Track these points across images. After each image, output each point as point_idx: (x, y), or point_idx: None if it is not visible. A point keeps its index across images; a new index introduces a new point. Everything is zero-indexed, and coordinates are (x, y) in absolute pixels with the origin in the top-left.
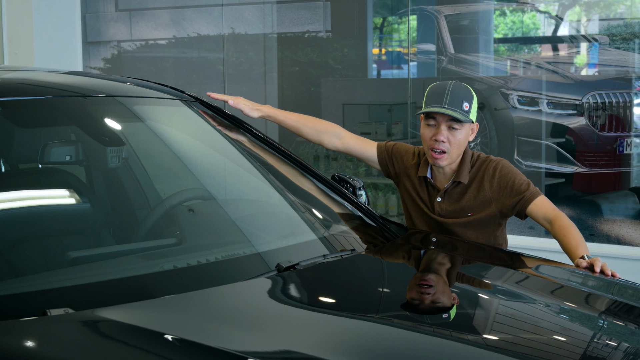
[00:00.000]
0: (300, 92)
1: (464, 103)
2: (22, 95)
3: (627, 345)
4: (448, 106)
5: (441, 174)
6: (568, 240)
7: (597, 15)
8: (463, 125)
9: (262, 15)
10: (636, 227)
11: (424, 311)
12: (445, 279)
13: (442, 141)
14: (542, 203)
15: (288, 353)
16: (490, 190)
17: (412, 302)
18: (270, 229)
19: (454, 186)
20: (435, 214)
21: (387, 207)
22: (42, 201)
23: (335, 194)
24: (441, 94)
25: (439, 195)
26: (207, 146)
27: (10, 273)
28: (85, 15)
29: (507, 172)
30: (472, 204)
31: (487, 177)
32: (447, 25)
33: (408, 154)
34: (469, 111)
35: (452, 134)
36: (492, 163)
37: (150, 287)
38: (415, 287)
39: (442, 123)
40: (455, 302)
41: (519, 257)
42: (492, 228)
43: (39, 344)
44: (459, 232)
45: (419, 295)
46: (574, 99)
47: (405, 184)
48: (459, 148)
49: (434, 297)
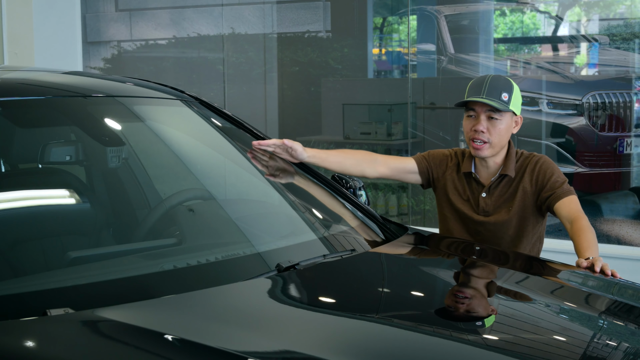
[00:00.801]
0: (300, 92)
1: (502, 93)
2: (22, 95)
3: (627, 345)
4: (486, 96)
5: (485, 168)
6: (581, 241)
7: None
8: (503, 115)
9: (262, 15)
10: (636, 227)
11: (424, 311)
12: (445, 279)
13: (482, 131)
14: (569, 203)
15: (288, 353)
16: (529, 183)
17: (412, 302)
18: (270, 229)
19: (500, 180)
20: (480, 212)
21: (387, 207)
22: (42, 201)
23: (335, 194)
24: (480, 85)
25: (484, 191)
26: (207, 146)
27: (10, 273)
28: (85, 15)
29: (547, 167)
30: (514, 198)
31: (529, 171)
32: (447, 25)
33: (445, 157)
34: (509, 101)
35: (492, 124)
36: (535, 158)
37: (150, 287)
38: (415, 287)
39: (482, 114)
40: (456, 302)
41: (519, 257)
42: (531, 225)
43: (39, 344)
44: (500, 232)
45: (419, 295)
46: (574, 99)
47: (446, 189)
48: (500, 139)
49: (434, 297)
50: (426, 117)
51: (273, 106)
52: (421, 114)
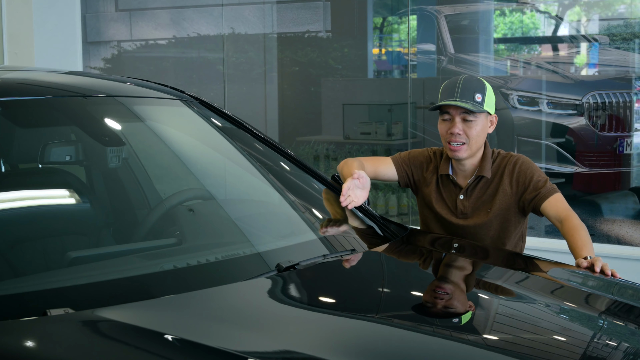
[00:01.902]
0: (300, 92)
1: (475, 94)
2: (22, 95)
3: (627, 345)
4: (459, 99)
5: (462, 170)
6: (575, 240)
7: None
8: (477, 117)
9: (262, 15)
10: (636, 227)
11: (424, 311)
12: (445, 279)
13: (458, 134)
14: (556, 201)
15: (288, 353)
16: (509, 185)
17: (412, 302)
18: (270, 229)
19: (477, 181)
20: (458, 214)
21: (387, 207)
22: (42, 201)
23: (335, 194)
24: (452, 87)
25: (461, 193)
26: (207, 146)
27: (10, 273)
28: (85, 15)
29: (527, 168)
30: (493, 200)
31: (507, 172)
32: (447, 25)
33: (425, 159)
34: (482, 102)
35: (468, 126)
36: (513, 159)
37: (150, 287)
38: (415, 287)
39: (456, 116)
40: (455, 302)
41: (519, 257)
42: (513, 226)
43: (39, 344)
44: (480, 234)
45: (418, 295)
46: (574, 99)
47: (424, 192)
48: (477, 140)
49: (434, 297)
50: (426, 117)
51: (273, 106)
52: (421, 114)
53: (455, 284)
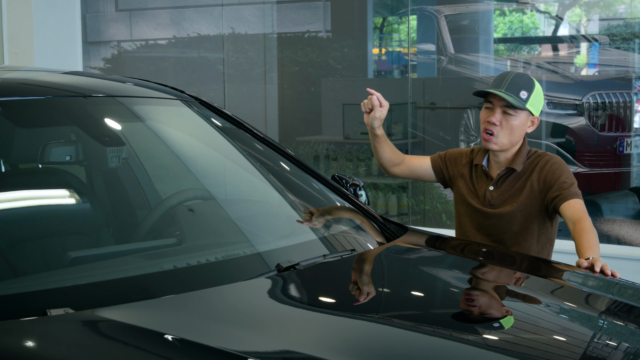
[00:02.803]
0: (300, 92)
1: (521, 91)
2: (22, 95)
3: (627, 345)
4: (505, 90)
5: (496, 162)
6: (582, 241)
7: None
8: (518, 113)
9: (262, 15)
10: (636, 227)
11: (424, 311)
12: (445, 279)
13: (494, 123)
14: (575, 204)
15: (288, 353)
16: (537, 181)
17: (412, 302)
18: (270, 229)
19: (507, 174)
20: (486, 204)
21: (387, 207)
22: (42, 201)
23: (335, 194)
24: (502, 79)
25: (491, 184)
26: (207, 146)
27: (10, 273)
28: (85, 15)
29: (557, 168)
30: (520, 193)
31: (538, 169)
32: (447, 25)
33: (461, 156)
34: (526, 100)
35: (506, 119)
36: (546, 157)
37: (150, 287)
38: (415, 287)
39: (498, 107)
40: (455, 302)
41: (519, 257)
42: (537, 225)
43: (39, 344)
44: (504, 226)
45: (418, 295)
46: (574, 99)
47: (459, 185)
48: (510, 134)
49: (434, 296)
50: (426, 117)
51: (273, 106)
52: (421, 114)
53: (455, 284)
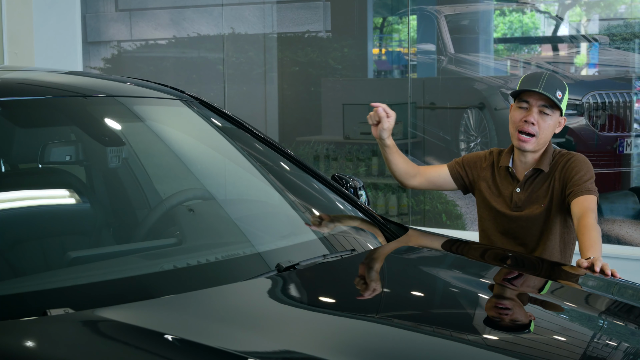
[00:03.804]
0: (300, 92)
1: (557, 91)
2: (22, 95)
3: (627, 345)
4: (543, 90)
5: (522, 162)
6: (584, 239)
7: (597, 15)
8: (553, 112)
9: (262, 15)
10: (636, 227)
11: (424, 311)
12: (445, 279)
13: (532, 123)
14: (583, 200)
15: (288, 353)
16: (559, 181)
17: (412, 303)
18: (270, 229)
19: (534, 175)
20: (513, 207)
21: (387, 207)
22: (42, 201)
23: (335, 194)
24: (537, 79)
25: (518, 186)
26: (207, 146)
27: (10, 273)
28: (85, 15)
29: (577, 165)
30: (546, 195)
31: (560, 168)
32: (447, 25)
33: (480, 159)
34: (561, 100)
35: (543, 119)
36: (569, 156)
37: (150, 287)
38: (415, 287)
39: (535, 106)
40: (455, 302)
41: (518, 257)
42: (559, 223)
43: (39, 344)
44: (531, 228)
45: (419, 295)
46: (574, 99)
47: (481, 189)
48: (546, 134)
49: (434, 297)
50: (426, 117)
51: (273, 106)
52: (421, 114)
53: (455, 284)
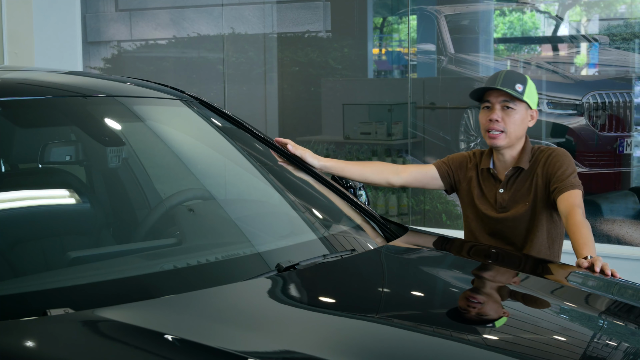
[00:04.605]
0: (300, 92)
1: (516, 84)
2: (22, 95)
3: (627, 345)
4: (500, 86)
5: (502, 162)
6: (576, 238)
7: (597, 15)
8: (517, 105)
9: (262, 15)
10: (636, 227)
11: (424, 311)
12: (445, 279)
13: (497, 120)
14: (569, 196)
15: (288, 353)
16: (541, 176)
17: (412, 302)
18: (270, 229)
19: (516, 174)
20: (498, 208)
21: (387, 207)
22: (42, 201)
23: (335, 194)
24: (495, 77)
25: (501, 187)
26: (207, 146)
27: (10, 273)
28: (85, 15)
29: (557, 160)
30: (529, 192)
31: (541, 164)
32: (447, 25)
33: (465, 159)
34: (522, 92)
35: (507, 114)
36: (549, 151)
37: (150, 287)
38: (415, 287)
39: (497, 103)
40: (455, 302)
41: (518, 257)
42: (545, 219)
43: (39, 344)
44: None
45: (418, 295)
46: (574, 99)
47: (466, 189)
48: (515, 129)
49: (434, 296)
50: (426, 117)
51: (273, 106)
52: (421, 114)
53: (455, 284)
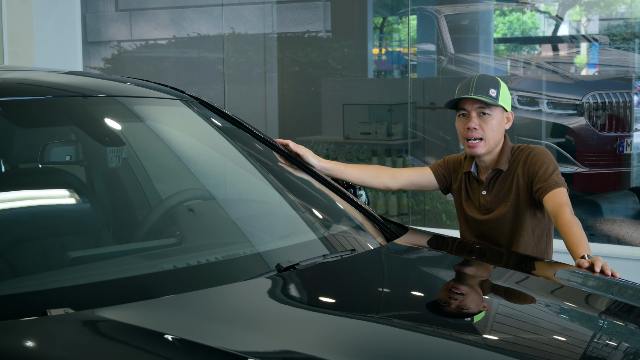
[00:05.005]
0: (300, 92)
1: (490, 90)
2: (22, 95)
3: (627, 345)
4: (474, 94)
5: (483, 166)
6: (569, 237)
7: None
8: (493, 111)
9: (262, 15)
10: (636, 227)
11: (424, 311)
12: (445, 279)
13: (474, 128)
14: (555, 195)
15: (288, 353)
16: (522, 176)
17: (412, 302)
18: (270, 229)
19: (495, 176)
20: (482, 210)
21: (387, 207)
22: (42, 201)
23: (335, 194)
24: (467, 85)
25: (483, 189)
26: (207, 146)
27: (10, 273)
28: (85, 15)
29: (538, 159)
30: (510, 192)
31: (521, 164)
32: (447, 25)
33: (458, 162)
34: (497, 97)
35: (484, 120)
36: (528, 150)
37: (150, 287)
38: (415, 287)
39: (472, 111)
40: (456, 302)
41: (518, 257)
42: (529, 218)
43: (39, 344)
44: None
45: (419, 295)
46: (574, 99)
47: (457, 192)
48: (493, 134)
49: (434, 296)
50: (426, 117)
51: (273, 106)
52: (421, 114)
53: (455, 285)
